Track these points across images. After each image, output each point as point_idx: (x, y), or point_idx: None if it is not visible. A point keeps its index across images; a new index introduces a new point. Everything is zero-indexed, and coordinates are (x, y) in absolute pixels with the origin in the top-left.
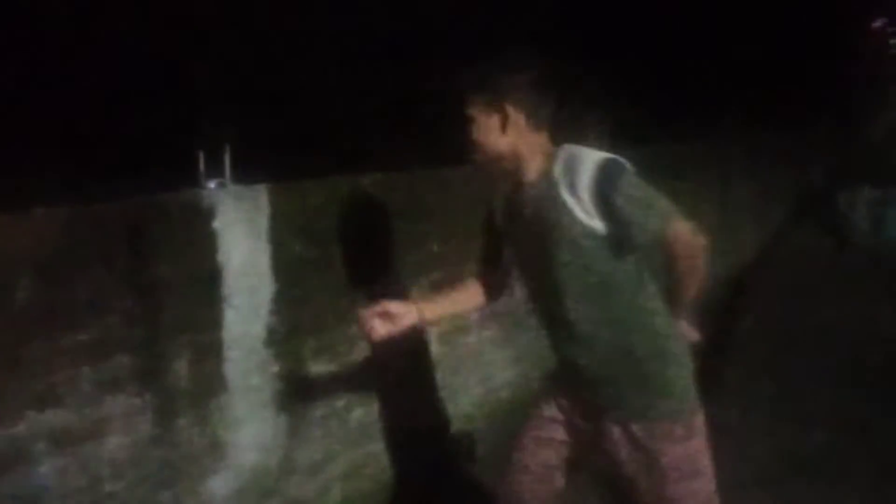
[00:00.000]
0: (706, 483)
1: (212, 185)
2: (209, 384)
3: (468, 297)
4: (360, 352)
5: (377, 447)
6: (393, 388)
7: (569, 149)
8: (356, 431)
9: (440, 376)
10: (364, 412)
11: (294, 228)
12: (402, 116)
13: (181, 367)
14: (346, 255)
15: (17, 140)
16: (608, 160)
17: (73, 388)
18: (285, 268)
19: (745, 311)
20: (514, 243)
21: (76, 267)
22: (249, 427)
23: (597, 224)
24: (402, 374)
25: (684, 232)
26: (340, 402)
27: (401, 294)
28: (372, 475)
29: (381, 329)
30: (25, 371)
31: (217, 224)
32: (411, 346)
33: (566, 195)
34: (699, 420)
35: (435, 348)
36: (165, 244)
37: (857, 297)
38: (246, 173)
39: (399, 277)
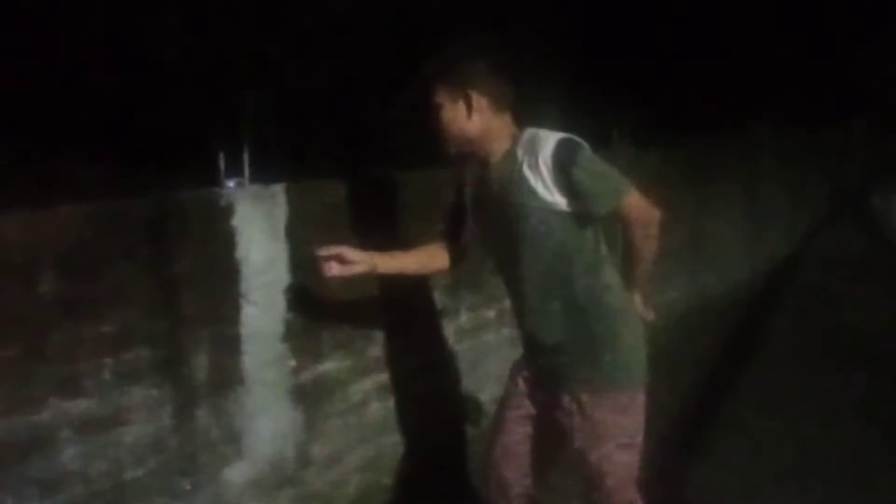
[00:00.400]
0: (635, 455)
1: (231, 183)
2: (227, 377)
3: (424, 259)
4: (377, 347)
5: (393, 441)
6: (410, 383)
7: (530, 130)
8: (372, 425)
9: (457, 372)
10: (380, 406)
11: (311, 226)
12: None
13: (200, 360)
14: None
15: (43, 140)
16: (566, 138)
17: (95, 377)
18: (303, 265)
19: (775, 311)
20: (481, 221)
21: (99, 261)
22: (266, 419)
23: (556, 199)
24: (420, 369)
25: (639, 202)
26: (357, 397)
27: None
28: (388, 468)
29: (334, 270)
30: (50, 360)
31: (236, 221)
32: (429, 342)
33: (527, 172)
34: (641, 397)
35: (453, 344)
36: (186, 240)
37: (889, 296)
38: (264, 172)
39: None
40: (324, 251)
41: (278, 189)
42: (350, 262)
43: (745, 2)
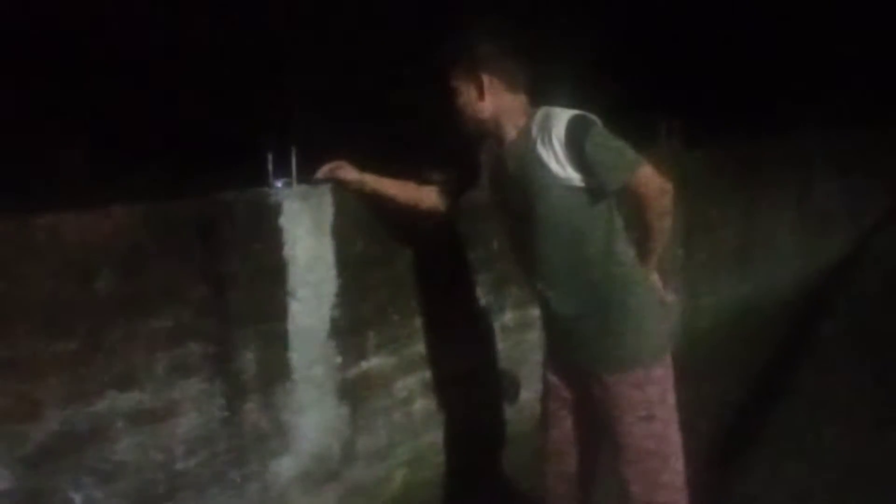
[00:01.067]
0: (661, 426)
1: (279, 184)
2: (274, 372)
3: (413, 195)
4: (421, 346)
5: (437, 437)
6: (453, 381)
7: (544, 109)
8: (418, 422)
9: (502, 370)
10: (426, 403)
11: (357, 226)
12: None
13: (248, 356)
14: (407, 254)
15: (100, 144)
16: (578, 114)
17: (148, 371)
18: (348, 263)
19: (827, 316)
20: (499, 199)
21: (153, 260)
22: (313, 414)
23: (570, 174)
24: (464, 367)
25: (652, 175)
26: (402, 394)
27: None
28: (432, 464)
29: (328, 173)
30: (106, 354)
31: (283, 221)
32: (473, 340)
33: (540, 149)
34: (660, 371)
35: (497, 342)
36: (235, 239)
37: None
38: (311, 173)
39: (460, 274)
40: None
41: (325, 189)
42: (343, 171)
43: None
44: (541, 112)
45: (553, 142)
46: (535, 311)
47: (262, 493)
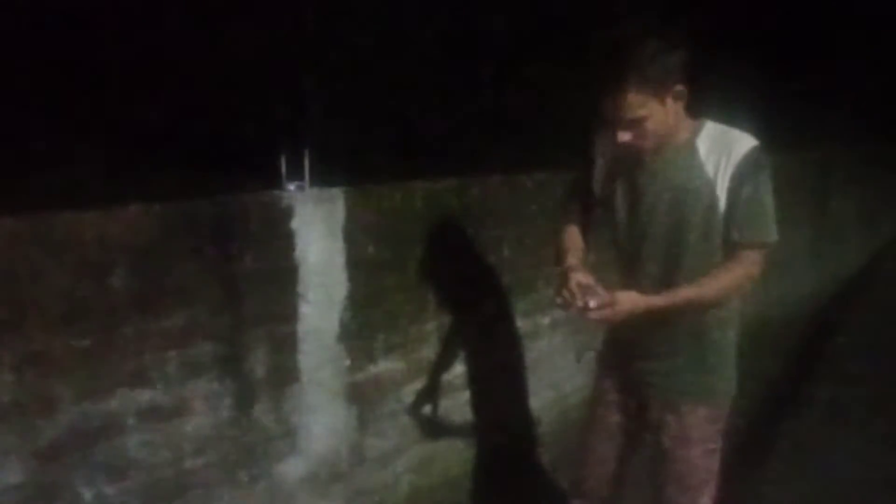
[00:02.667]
0: (715, 460)
1: (292, 187)
2: (284, 374)
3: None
4: (430, 351)
5: (446, 444)
6: (462, 387)
7: (714, 125)
8: (425, 427)
9: (510, 378)
10: (433, 409)
11: (369, 230)
12: (478, 123)
13: (259, 357)
14: (418, 258)
15: (116, 144)
16: (758, 148)
17: (160, 369)
18: (359, 268)
19: (842, 330)
20: (616, 194)
21: (166, 259)
22: (321, 417)
23: (719, 199)
24: (472, 373)
25: (761, 262)
26: (410, 399)
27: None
28: (440, 470)
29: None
30: (119, 351)
31: (296, 224)
32: (482, 347)
33: (708, 166)
34: (727, 408)
35: (507, 351)
36: (248, 241)
37: None
38: (325, 176)
39: (472, 281)
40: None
41: (338, 193)
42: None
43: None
44: (711, 128)
45: (722, 164)
46: (546, 320)
47: (269, 494)
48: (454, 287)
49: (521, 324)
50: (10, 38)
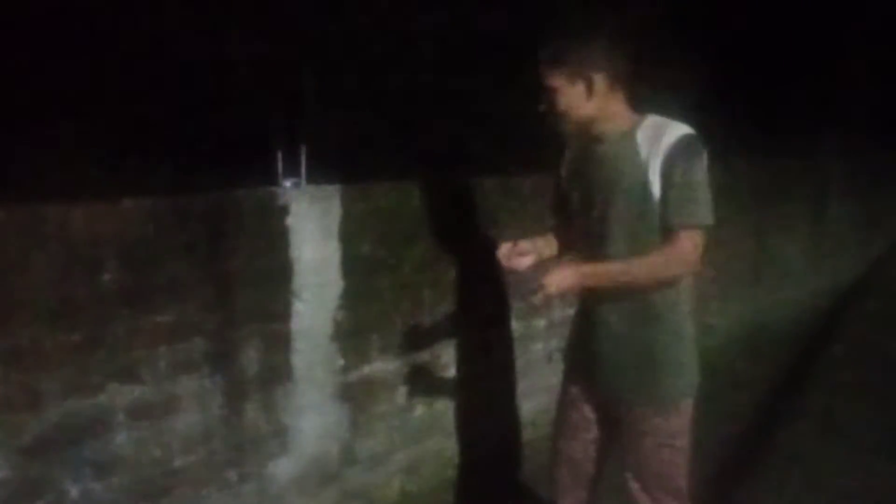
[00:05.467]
0: (678, 454)
1: (288, 183)
2: (276, 372)
3: (552, 243)
4: (424, 351)
5: (438, 445)
6: (457, 389)
7: (655, 118)
8: (418, 429)
9: (505, 380)
10: (426, 410)
11: (364, 229)
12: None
13: (251, 354)
14: (413, 258)
15: (109, 137)
16: (691, 135)
17: (150, 365)
18: (354, 266)
19: (838, 339)
20: (575, 191)
21: (159, 254)
22: (313, 416)
23: (651, 184)
24: (466, 375)
25: (697, 246)
26: (402, 400)
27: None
28: (431, 472)
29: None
30: (109, 347)
31: (291, 221)
32: (477, 349)
33: (645, 156)
34: (689, 403)
35: (502, 353)
36: (242, 237)
37: None
38: (320, 174)
39: (467, 281)
40: (504, 249)
41: (333, 191)
42: (524, 253)
43: (820, 20)
44: (650, 120)
45: (659, 151)
46: (541, 322)
47: (258, 494)
48: (449, 287)
49: (517, 326)
50: None
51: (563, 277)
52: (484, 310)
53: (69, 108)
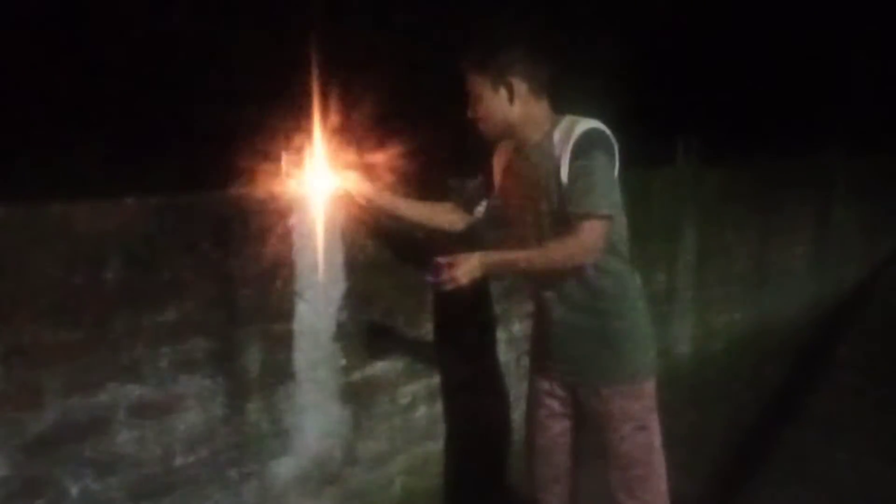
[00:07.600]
0: (650, 436)
1: (291, 183)
2: (278, 372)
3: (430, 212)
4: (428, 352)
5: (440, 446)
6: (458, 390)
7: (570, 117)
8: (420, 429)
9: (508, 381)
10: (427, 411)
11: (367, 230)
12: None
13: (253, 354)
14: (416, 259)
15: (113, 135)
16: (595, 129)
17: (152, 364)
18: (357, 267)
19: (841, 340)
20: (508, 196)
21: (162, 253)
22: (314, 417)
23: (563, 177)
24: (469, 376)
25: (598, 235)
26: (405, 400)
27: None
28: (433, 473)
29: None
30: (111, 345)
31: (295, 221)
32: (480, 349)
33: (559, 154)
34: (650, 384)
35: (504, 352)
36: (245, 236)
37: None
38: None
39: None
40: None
41: (338, 192)
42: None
43: (822, 25)
44: (567, 119)
45: (568, 143)
46: None
47: (260, 494)
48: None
49: (519, 326)
50: (2, 30)
51: (471, 266)
52: (485, 310)
53: (71, 106)
